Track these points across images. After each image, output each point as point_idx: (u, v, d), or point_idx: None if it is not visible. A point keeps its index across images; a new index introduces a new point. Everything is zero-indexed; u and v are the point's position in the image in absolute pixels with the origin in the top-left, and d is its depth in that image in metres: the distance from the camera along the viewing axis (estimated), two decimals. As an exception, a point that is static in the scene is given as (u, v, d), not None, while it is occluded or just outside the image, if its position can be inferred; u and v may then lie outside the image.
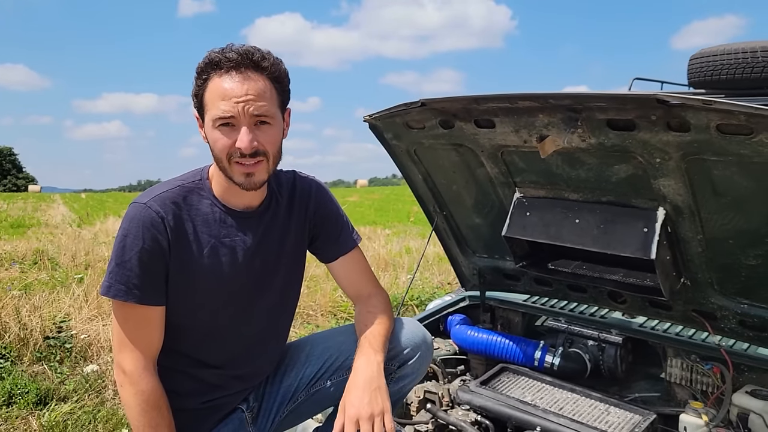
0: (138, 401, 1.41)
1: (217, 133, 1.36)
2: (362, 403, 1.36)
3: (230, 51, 1.37)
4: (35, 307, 4.57)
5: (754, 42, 2.75)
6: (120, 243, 1.39)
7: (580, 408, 1.91)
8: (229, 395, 1.54)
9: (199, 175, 1.49)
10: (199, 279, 1.44)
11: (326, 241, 1.65)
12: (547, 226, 1.95)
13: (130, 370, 1.42)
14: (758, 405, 1.75)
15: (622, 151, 1.63)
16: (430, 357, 1.69)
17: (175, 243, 1.40)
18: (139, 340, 1.42)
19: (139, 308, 1.40)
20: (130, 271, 1.38)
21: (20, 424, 3.49)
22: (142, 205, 1.40)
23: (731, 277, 1.76)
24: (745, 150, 1.40)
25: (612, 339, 2.15)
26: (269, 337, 1.60)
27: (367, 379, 1.40)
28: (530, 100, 1.63)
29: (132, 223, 1.39)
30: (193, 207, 1.45)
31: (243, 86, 1.34)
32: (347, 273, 1.66)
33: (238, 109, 1.34)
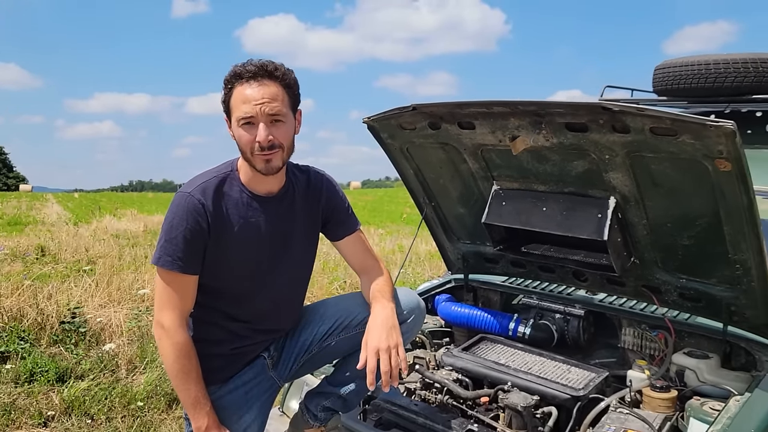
0: (174, 351, 1.72)
1: (241, 130, 1.69)
2: (381, 338, 1.70)
3: (250, 65, 1.70)
4: (50, 295, 4.86)
5: (710, 55, 3.10)
6: (169, 224, 1.71)
7: (546, 368, 2.24)
8: (254, 345, 1.86)
9: (230, 167, 1.81)
10: (232, 251, 1.76)
11: (335, 224, 1.97)
12: (520, 213, 2.28)
13: (168, 326, 1.73)
14: (692, 362, 2.09)
15: (578, 149, 1.96)
16: (422, 319, 2.01)
17: (213, 224, 1.72)
18: (177, 301, 1.73)
19: (180, 276, 1.72)
20: (176, 246, 1.69)
21: (42, 398, 3.78)
22: (187, 194, 1.72)
23: (671, 255, 2.10)
24: (673, 148, 1.74)
25: (575, 312, 2.49)
26: (288, 299, 1.92)
27: (383, 319, 1.74)
28: (503, 106, 1.96)
29: (179, 209, 1.71)
30: (226, 194, 1.77)
31: (260, 92, 1.67)
32: (353, 250, 1.99)
33: (256, 110, 1.66)
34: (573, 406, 2.02)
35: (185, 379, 1.71)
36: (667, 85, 3.21)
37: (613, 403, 1.99)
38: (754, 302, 1.97)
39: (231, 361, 1.84)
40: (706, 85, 3.03)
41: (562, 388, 2.07)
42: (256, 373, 1.87)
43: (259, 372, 1.89)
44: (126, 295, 5.31)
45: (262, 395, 1.92)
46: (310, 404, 1.98)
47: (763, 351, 2.05)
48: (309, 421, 1.97)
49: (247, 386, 1.87)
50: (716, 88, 3.01)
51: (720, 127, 1.58)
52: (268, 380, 1.91)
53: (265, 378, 1.90)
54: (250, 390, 1.88)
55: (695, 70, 3.05)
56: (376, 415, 2.07)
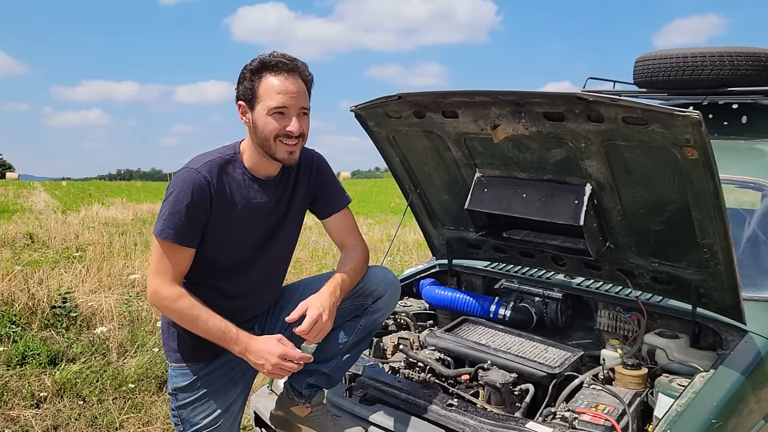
0: (174, 303, 1.78)
1: (270, 119, 1.77)
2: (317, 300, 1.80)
3: (282, 57, 1.79)
4: (41, 280, 4.91)
5: (688, 48, 3.19)
6: (173, 197, 1.76)
7: (525, 348, 2.34)
8: (240, 321, 1.92)
9: (233, 150, 1.89)
10: (233, 227, 1.84)
11: (322, 202, 2.05)
12: (501, 200, 2.37)
13: (158, 288, 1.79)
14: (662, 342, 2.19)
15: (556, 137, 2.05)
16: (398, 296, 2.09)
17: (216, 200, 1.80)
18: (173, 269, 1.79)
19: (179, 248, 1.79)
20: (179, 220, 1.76)
21: (35, 381, 3.85)
22: (194, 170, 1.78)
23: (644, 240, 2.19)
24: (644, 137, 1.83)
25: (554, 295, 2.59)
26: (272, 277, 2.00)
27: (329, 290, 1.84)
28: (484, 95, 2.05)
29: (185, 183, 1.77)
30: (230, 174, 1.84)
31: (294, 85, 1.78)
32: (337, 227, 2.06)
33: (291, 102, 1.77)
34: (549, 383, 2.12)
35: (198, 321, 1.78)
36: (646, 77, 3.29)
37: (586, 380, 2.09)
38: (721, 285, 2.07)
39: None
40: (683, 78, 3.11)
41: (538, 366, 2.17)
42: None
43: None
44: (116, 280, 5.37)
45: (246, 372, 2.00)
46: (295, 382, 2.06)
47: (729, 331, 2.15)
48: (294, 399, 2.05)
49: (233, 363, 1.95)
50: (694, 80, 3.09)
51: (687, 117, 1.67)
52: None
53: None
54: (236, 367, 1.96)
55: (673, 63, 3.14)
56: (361, 392, 2.17)
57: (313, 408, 2.05)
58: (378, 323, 2.06)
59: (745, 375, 1.95)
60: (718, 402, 1.82)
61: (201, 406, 1.89)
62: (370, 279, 2.00)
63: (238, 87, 1.82)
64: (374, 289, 2.01)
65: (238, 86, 1.82)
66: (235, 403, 1.93)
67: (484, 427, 1.87)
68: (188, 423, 1.90)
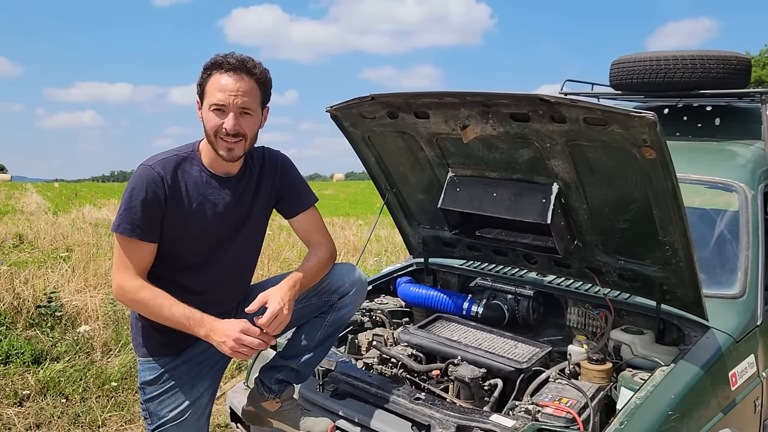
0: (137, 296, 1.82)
1: (211, 114, 1.81)
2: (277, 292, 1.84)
3: (232, 57, 1.83)
4: (26, 280, 4.93)
5: (661, 52, 3.25)
6: (129, 193, 1.81)
7: (495, 344, 2.39)
8: None
9: (191, 148, 1.92)
10: (189, 224, 1.87)
11: (288, 202, 2.08)
12: (473, 199, 2.42)
13: (122, 284, 1.83)
14: (627, 338, 2.24)
15: (523, 138, 2.10)
16: (364, 292, 2.12)
17: (170, 197, 1.83)
18: (135, 264, 1.83)
19: (138, 242, 1.82)
20: (135, 215, 1.80)
21: (18, 379, 3.87)
22: (148, 167, 1.83)
23: (610, 238, 2.25)
24: (605, 137, 1.88)
25: (525, 293, 2.64)
26: (238, 272, 2.03)
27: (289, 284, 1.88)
28: (452, 96, 2.10)
29: (139, 180, 1.81)
30: (186, 171, 1.88)
31: (236, 84, 1.80)
32: (303, 226, 2.09)
33: (229, 100, 1.79)
34: (517, 377, 2.17)
35: (162, 309, 1.81)
36: (621, 79, 3.35)
37: (553, 374, 2.14)
38: (683, 281, 2.13)
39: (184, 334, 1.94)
40: (657, 80, 3.17)
41: (507, 362, 2.22)
42: (208, 346, 1.95)
43: (211, 345, 1.99)
44: (102, 280, 5.39)
45: (213, 366, 2.04)
46: (265, 378, 2.09)
47: (692, 327, 2.21)
48: (264, 394, 2.08)
49: (200, 357, 1.99)
50: (666, 82, 3.15)
51: (643, 118, 1.72)
52: (218, 352, 2.00)
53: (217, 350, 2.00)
54: (203, 361, 2.00)
55: (647, 66, 3.20)
56: (332, 386, 2.21)
57: (283, 403, 2.08)
58: (345, 319, 2.09)
59: (705, 369, 2.01)
60: (675, 395, 1.88)
61: (168, 399, 1.93)
62: (336, 276, 2.04)
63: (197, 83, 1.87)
64: (340, 286, 2.05)
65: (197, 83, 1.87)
66: (202, 397, 1.97)
67: (449, 420, 1.91)
68: (156, 416, 1.94)
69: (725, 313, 2.29)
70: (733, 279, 2.43)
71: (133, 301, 1.85)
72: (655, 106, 3.73)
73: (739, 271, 2.43)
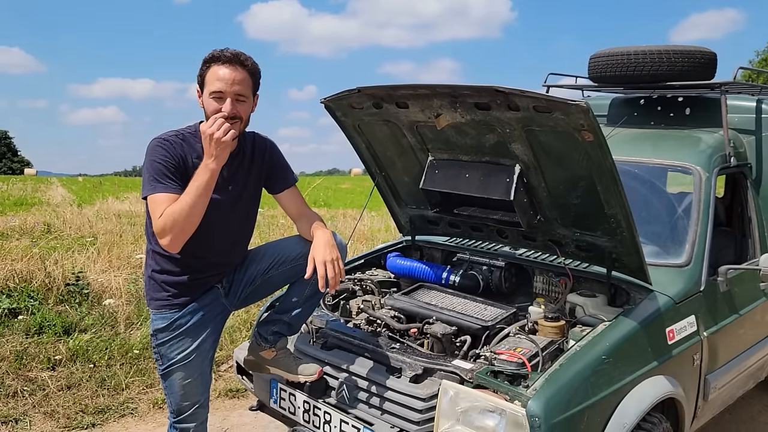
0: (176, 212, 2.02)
1: (211, 100, 2.13)
2: (325, 253, 2.15)
3: (227, 51, 2.16)
4: (56, 261, 5.35)
5: (631, 47, 3.53)
6: (148, 162, 2.12)
7: (467, 307, 2.71)
8: (209, 276, 2.30)
9: (194, 128, 2.24)
10: None
11: (276, 179, 2.40)
12: (449, 180, 2.73)
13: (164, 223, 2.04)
14: (581, 300, 2.55)
15: (487, 124, 2.41)
16: (344, 255, 2.40)
17: (180, 163, 2.13)
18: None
19: (167, 196, 2.07)
20: (158, 174, 2.09)
21: (50, 347, 4.27)
22: (158, 138, 2.15)
23: (566, 213, 2.55)
24: (551, 123, 2.19)
25: (498, 264, 2.95)
26: (236, 239, 2.35)
27: (326, 240, 2.19)
28: (425, 89, 2.41)
29: (155, 149, 2.12)
30: (191, 145, 2.19)
31: (232, 74, 2.13)
32: (290, 200, 2.42)
33: (226, 88, 2.12)
34: (482, 334, 2.49)
35: (187, 198, 2.03)
36: (598, 72, 3.64)
37: (513, 330, 2.46)
38: (627, 250, 2.42)
39: (190, 289, 2.27)
40: (627, 73, 3.45)
41: (475, 320, 2.55)
42: (211, 300, 2.32)
43: (214, 299, 2.34)
44: (125, 262, 5.80)
45: (215, 317, 2.36)
46: (261, 330, 2.44)
47: (638, 291, 2.51)
48: (261, 344, 2.43)
49: (203, 310, 2.30)
50: (636, 75, 3.43)
51: (578, 105, 2.03)
52: (220, 306, 2.37)
53: (218, 304, 2.36)
54: (206, 314, 2.31)
55: (619, 60, 3.48)
56: (322, 340, 2.56)
57: (278, 352, 2.43)
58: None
59: (641, 324, 2.31)
60: (611, 343, 2.19)
61: (177, 344, 2.25)
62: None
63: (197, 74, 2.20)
64: None
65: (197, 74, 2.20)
66: (205, 342, 2.30)
67: (417, 363, 2.25)
68: (166, 358, 2.27)
69: (671, 280, 2.59)
70: (681, 250, 2.72)
71: (175, 224, 2.04)
72: (633, 97, 4.01)
73: (687, 243, 2.73)
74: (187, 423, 2.33)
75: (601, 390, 2.10)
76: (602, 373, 2.12)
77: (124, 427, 3.62)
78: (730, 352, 2.84)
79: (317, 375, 2.37)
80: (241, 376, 2.82)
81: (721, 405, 2.95)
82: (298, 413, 2.44)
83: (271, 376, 2.52)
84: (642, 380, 2.25)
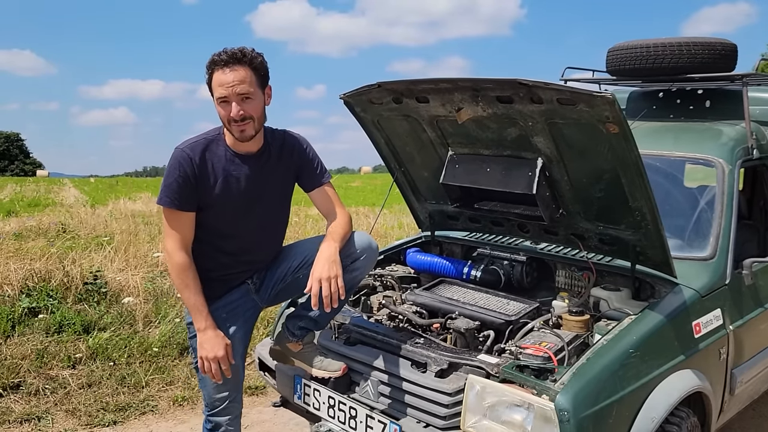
0: (174, 268, 2.19)
1: (219, 107, 2.14)
2: (323, 270, 2.14)
3: (224, 53, 2.13)
4: (74, 260, 5.39)
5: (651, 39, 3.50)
6: (166, 173, 2.17)
7: (490, 302, 2.69)
8: (239, 272, 2.33)
9: (218, 131, 2.26)
10: (216, 196, 2.20)
11: (307, 177, 2.41)
12: (470, 174, 2.72)
13: (170, 250, 2.19)
14: (605, 294, 2.53)
15: (509, 118, 2.39)
16: (374, 257, 2.44)
17: (199, 173, 2.17)
18: (177, 232, 2.18)
19: (176, 212, 2.17)
20: (171, 189, 2.15)
21: (71, 346, 4.31)
22: (180, 150, 2.17)
23: (590, 207, 2.53)
24: (575, 115, 2.17)
25: (519, 258, 2.94)
26: (265, 237, 2.37)
27: (327, 255, 2.18)
28: (446, 83, 2.40)
29: (173, 160, 2.16)
30: (213, 151, 2.22)
31: (231, 76, 2.10)
32: (322, 198, 2.43)
33: (229, 92, 2.10)
34: (506, 328, 2.48)
35: (185, 290, 2.19)
36: (616, 66, 3.61)
37: (537, 325, 2.44)
38: (652, 243, 2.40)
39: (222, 284, 2.31)
40: (647, 66, 3.42)
41: (498, 315, 2.53)
42: (241, 295, 2.36)
43: (244, 294, 2.37)
44: (141, 261, 5.84)
45: (246, 312, 2.39)
46: (289, 324, 2.45)
47: (662, 284, 2.49)
48: (289, 338, 2.44)
49: (234, 304, 2.34)
50: (656, 68, 3.40)
51: (603, 97, 2.02)
52: (251, 301, 2.39)
53: (249, 299, 2.38)
54: (237, 308, 2.35)
55: (638, 53, 3.45)
56: (345, 336, 2.56)
57: (304, 345, 2.44)
58: (357, 280, 2.42)
59: (668, 318, 2.29)
60: (638, 337, 2.17)
61: None
62: (351, 242, 2.37)
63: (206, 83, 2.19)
64: (353, 252, 2.37)
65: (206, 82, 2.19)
66: (234, 336, 2.30)
67: (443, 358, 2.24)
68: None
69: (696, 273, 2.56)
70: (706, 243, 2.70)
71: (173, 271, 2.21)
72: (652, 90, 3.98)
73: (711, 237, 2.70)
74: (220, 417, 2.36)
75: (630, 384, 2.08)
76: (630, 366, 2.11)
77: (144, 424, 3.64)
78: (755, 346, 2.81)
79: (341, 372, 2.37)
80: (263, 372, 2.83)
81: (747, 399, 2.92)
82: (322, 408, 2.44)
83: (294, 372, 2.52)
84: (669, 374, 2.22)
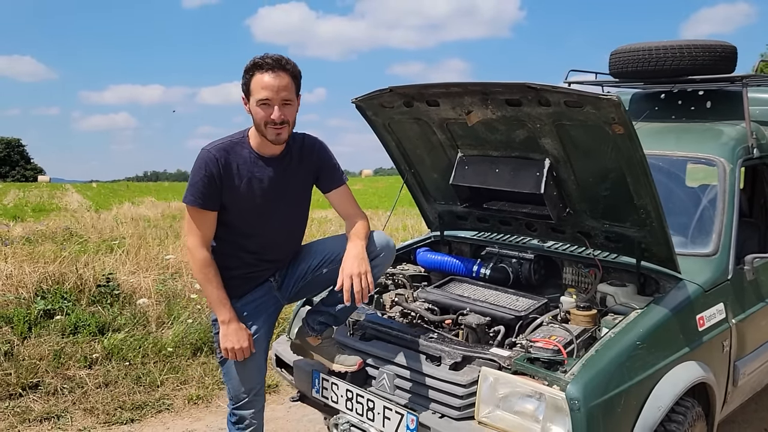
0: (196, 264, 2.29)
1: (259, 109, 2.23)
2: (353, 266, 2.24)
3: (268, 58, 2.23)
4: (86, 263, 5.48)
5: (653, 42, 3.59)
6: (193, 173, 2.26)
7: (499, 298, 2.78)
8: (261, 271, 2.42)
9: (242, 134, 2.36)
10: (240, 196, 2.30)
11: (325, 178, 2.50)
12: (479, 175, 2.81)
13: (191, 247, 2.29)
14: (611, 289, 2.61)
15: (517, 120, 2.48)
16: (391, 255, 2.53)
17: (224, 174, 2.26)
18: (199, 229, 2.28)
19: (200, 211, 2.27)
20: (197, 189, 2.24)
21: (86, 347, 4.40)
22: (207, 150, 2.27)
23: (596, 205, 2.62)
24: (582, 117, 2.26)
25: (527, 256, 3.03)
26: (287, 237, 2.47)
27: (356, 253, 2.28)
28: (457, 87, 2.49)
29: (200, 160, 2.26)
30: (237, 153, 2.31)
31: (276, 81, 2.21)
32: (340, 200, 2.51)
33: (273, 95, 2.21)
34: (516, 324, 2.57)
35: (208, 285, 2.28)
36: (619, 68, 3.70)
37: (546, 320, 2.53)
38: (657, 240, 2.49)
39: (245, 282, 2.41)
40: (649, 68, 3.51)
41: (508, 311, 2.62)
42: (264, 292, 2.45)
43: (267, 292, 2.46)
44: (153, 263, 5.93)
45: (268, 309, 2.48)
46: (309, 319, 2.54)
47: (667, 280, 2.57)
48: (309, 332, 2.53)
49: (257, 302, 2.43)
50: (658, 70, 3.49)
51: (610, 100, 2.10)
52: (273, 299, 2.49)
53: (271, 297, 2.48)
54: (260, 305, 2.44)
55: (640, 55, 3.54)
56: (360, 332, 2.64)
57: (323, 340, 2.53)
58: (377, 276, 2.50)
59: (673, 311, 2.38)
60: (645, 330, 2.26)
61: None
62: (370, 241, 2.45)
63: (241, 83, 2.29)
64: (372, 250, 2.46)
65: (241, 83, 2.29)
66: (258, 332, 2.40)
67: (456, 352, 2.33)
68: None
69: (699, 269, 2.65)
70: (708, 240, 2.78)
71: (195, 264, 2.30)
72: (653, 91, 4.07)
73: (714, 233, 2.79)
74: (244, 410, 2.45)
75: (637, 374, 2.17)
76: (637, 358, 2.19)
77: (161, 422, 3.73)
78: (757, 339, 2.89)
79: (357, 366, 2.46)
80: (280, 369, 2.92)
81: (750, 391, 3.01)
82: (340, 401, 2.52)
83: (312, 367, 2.61)
84: (675, 365, 2.31)
